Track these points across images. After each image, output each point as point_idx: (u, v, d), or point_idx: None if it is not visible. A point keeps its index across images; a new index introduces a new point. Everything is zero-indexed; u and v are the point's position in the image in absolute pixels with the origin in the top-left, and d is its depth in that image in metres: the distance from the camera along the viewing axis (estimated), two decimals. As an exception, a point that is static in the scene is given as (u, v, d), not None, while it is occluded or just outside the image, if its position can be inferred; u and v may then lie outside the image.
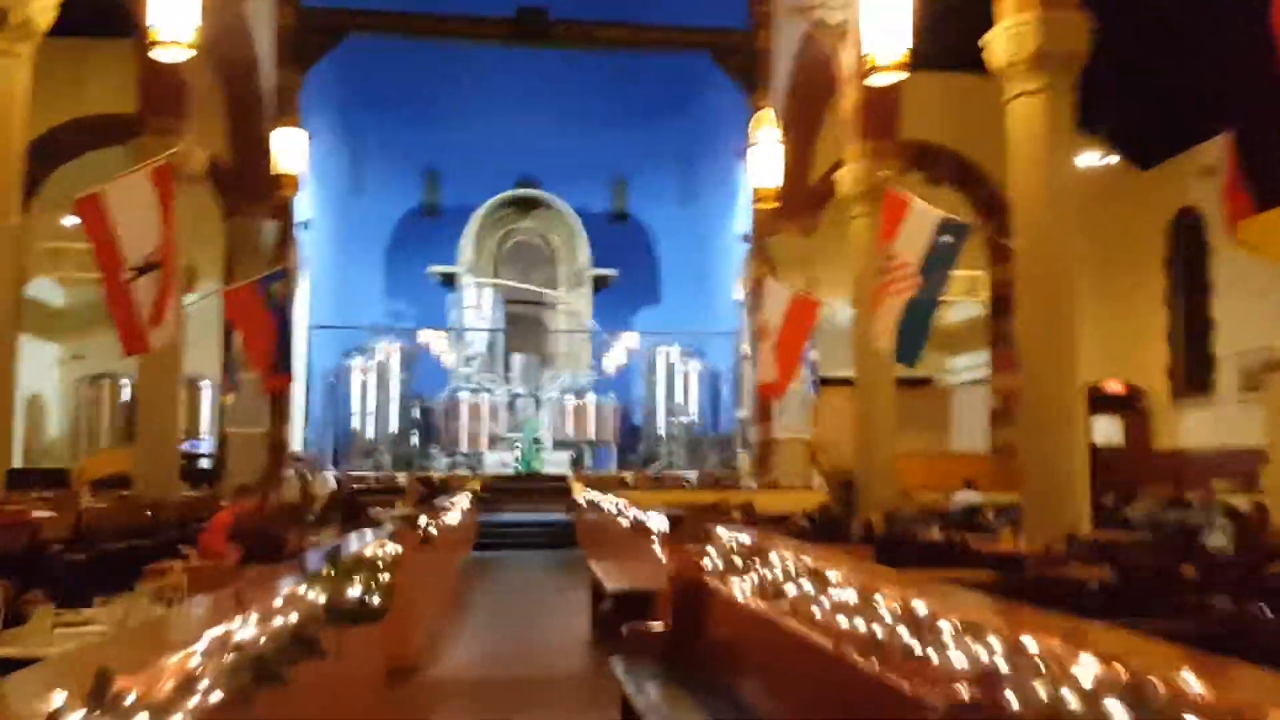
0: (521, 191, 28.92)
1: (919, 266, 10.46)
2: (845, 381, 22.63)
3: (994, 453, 20.59)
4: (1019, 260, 10.85)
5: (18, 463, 20.25)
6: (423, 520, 8.19)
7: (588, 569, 12.67)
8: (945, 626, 2.66)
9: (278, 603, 3.11)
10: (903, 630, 2.89)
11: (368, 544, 5.36)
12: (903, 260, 10.53)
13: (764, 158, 14.86)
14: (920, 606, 2.82)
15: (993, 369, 21.68)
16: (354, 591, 4.08)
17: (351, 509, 9.12)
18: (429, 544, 8.79)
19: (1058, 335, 10.42)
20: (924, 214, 10.54)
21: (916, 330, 10.60)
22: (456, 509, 11.21)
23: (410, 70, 26.55)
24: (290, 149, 14.45)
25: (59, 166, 19.26)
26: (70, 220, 19.84)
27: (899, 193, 10.82)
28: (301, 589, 3.45)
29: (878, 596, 3.16)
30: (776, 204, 15.02)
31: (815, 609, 3.86)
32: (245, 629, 2.64)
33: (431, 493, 14.53)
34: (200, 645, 2.30)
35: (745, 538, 5.35)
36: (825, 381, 20.53)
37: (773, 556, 4.69)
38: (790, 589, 4.24)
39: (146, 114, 14.46)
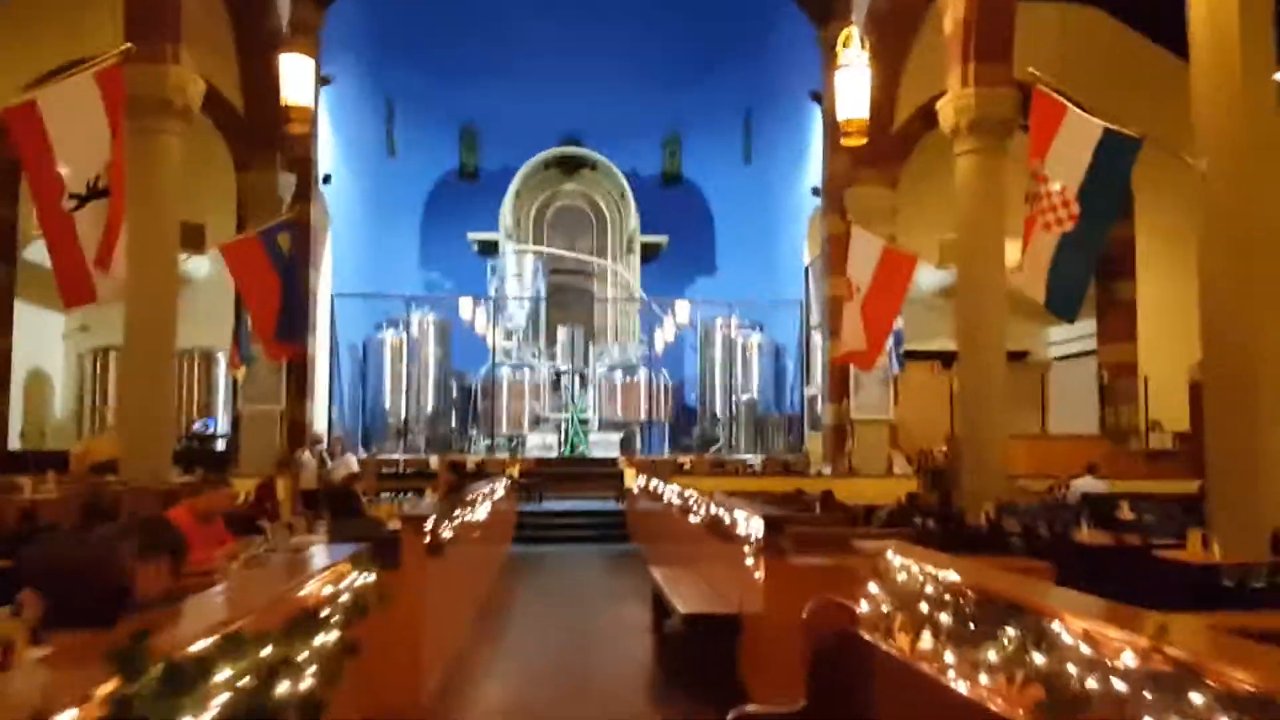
0: (566, 150, 26.66)
1: (1076, 192, 8.08)
2: (930, 355, 20.32)
3: (1105, 435, 18.07)
4: (1209, 209, 8.30)
5: (16, 444, 18.65)
6: (432, 522, 6.06)
7: (645, 572, 10.56)
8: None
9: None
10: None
11: (315, 576, 3.21)
12: (1056, 184, 8.15)
13: (851, 84, 12.43)
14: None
15: (1099, 340, 19.14)
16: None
17: (342, 503, 7.03)
18: (440, 552, 6.68)
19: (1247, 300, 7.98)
20: (1082, 124, 8.16)
21: (1074, 274, 8.25)
22: (487, 501, 9.09)
23: (444, 18, 24.43)
24: (299, 77, 12.35)
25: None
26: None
27: (1051, 95, 8.40)
28: None
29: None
30: (864, 140, 12.64)
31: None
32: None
33: (462, 479, 12.45)
34: None
35: (949, 573, 3.12)
36: (908, 355, 18.16)
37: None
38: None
39: (132, 37, 12.39)
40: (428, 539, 6.23)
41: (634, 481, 16.37)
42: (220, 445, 18.52)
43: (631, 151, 27.25)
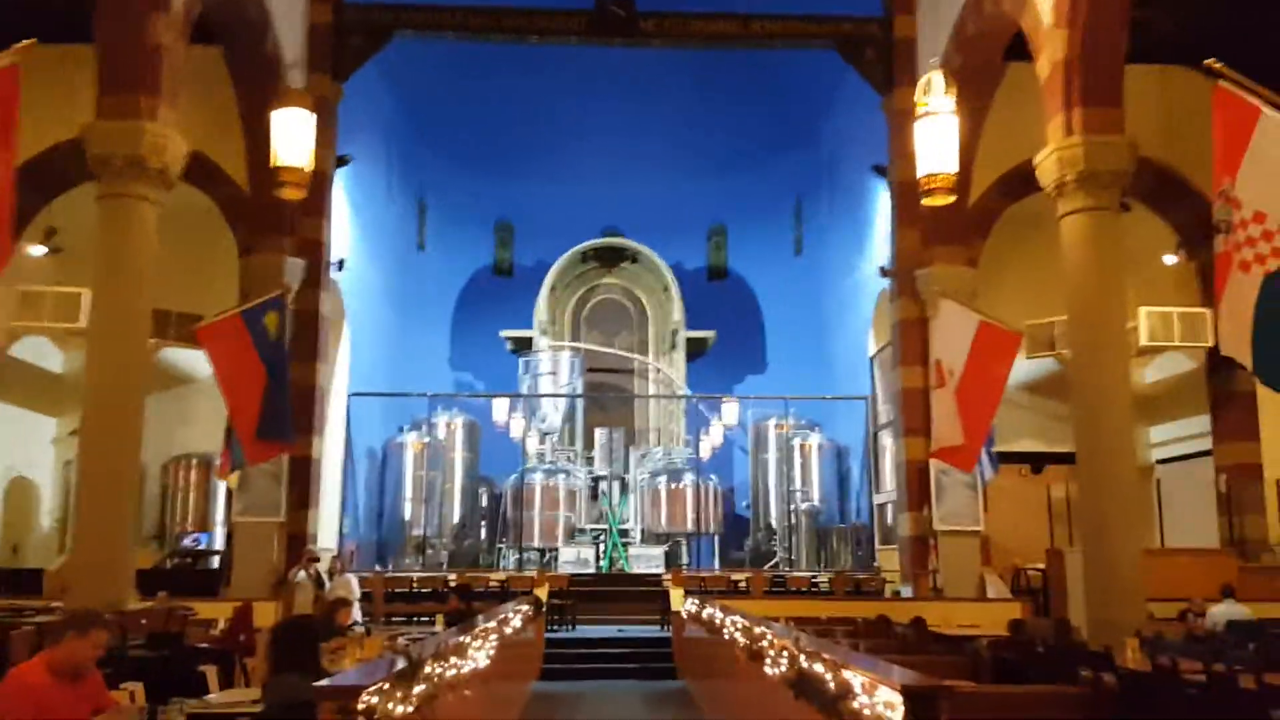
0: (605, 241, 25.00)
1: (1284, 221, 5.94)
2: (1019, 458, 17.90)
3: (1232, 549, 15.41)
4: None
5: (-9, 560, 16.73)
6: (374, 697, 3.90)
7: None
8: None
9: None
10: None
11: None
12: (1255, 208, 6.02)
13: (934, 135, 10.50)
14: None
15: (1215, 439, 16.60)
16: None
17: (295, 646, 4.90)
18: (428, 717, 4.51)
19: None
20: (1285, 132, 6.04)
21: (1287, 329, 6.00)
22: (486, 641, 6.87)
23: (476, 104, 23.24)
24: (294, 135, 10.67)
25: (56, 197, 16.08)
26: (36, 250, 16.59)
27: (1240, 94, 6.31)
28: None
29: None
30: (952, 198, 10.66)
31: None
32: None
33: (470, 607, 10.22)
34: None
35: None
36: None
37: None
38: None
39: (105, 90, 10.86)
40: (407, 707, 4.08)
41: (681, 604, 13.99)
42: (214, 563, 16.43)
43: (674, 244, 25.64)
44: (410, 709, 4.42)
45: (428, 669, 5.08)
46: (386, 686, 4.12)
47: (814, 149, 22.78)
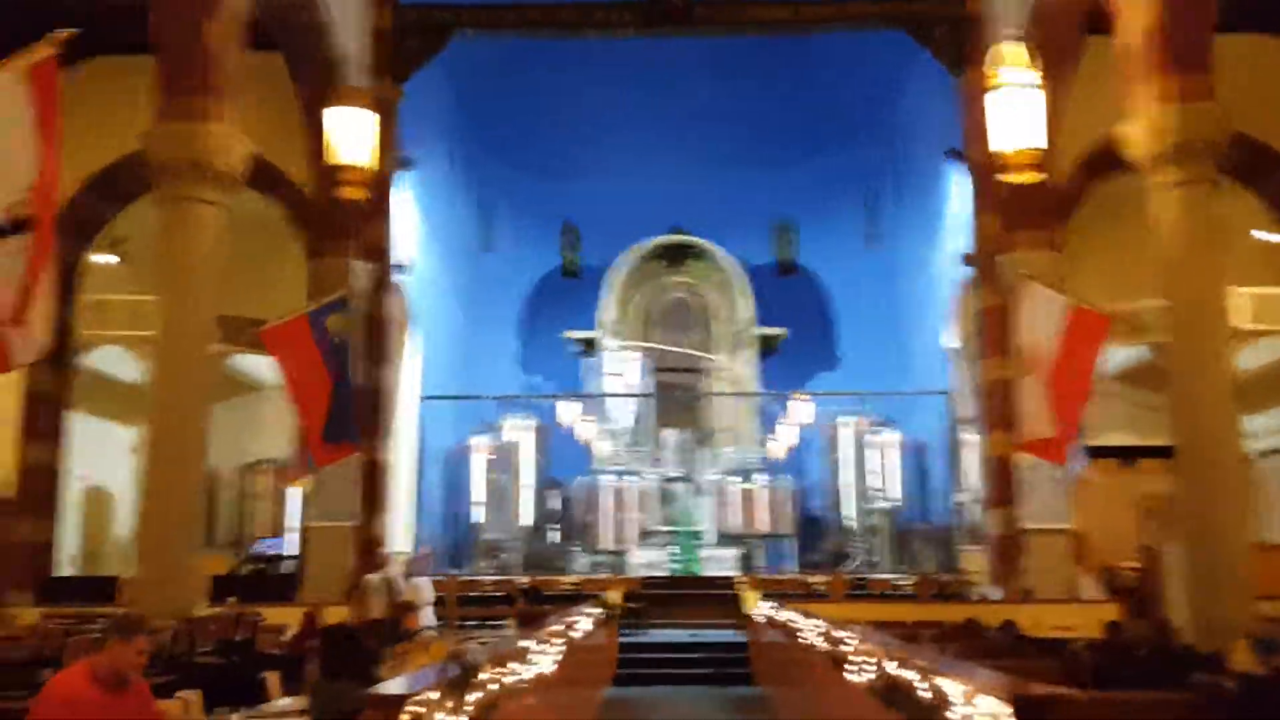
0: (671, 238, 24.63)
1: None
2: (1109, 452, 17.05)
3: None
4: None
5: (72, 570, 16.97)
6: (467, 693, 3.59)
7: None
8: None
9: None
10: None
11: None
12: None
13: (1016, 107, 9.91)
14: None
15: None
16: None
17: (344, 650, 4.61)
18: None
19: None
20: None
21: None
22: (551, 645, 6.55)
23: (535, 102, 23.09)
24: (353, 133, 10.55)
25: (125, 207, 16.32)
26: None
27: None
28: None
29: None
30: (1040, 176, 10.06)
31: None
32: None
33: (537, 610, 9.95)
34: None
35: None
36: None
37: None
38: None
39: (165, 95, 10.85)
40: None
41: (756, 607, 13.53)
42: (288, 568, 16.45)
43: (742, 240, 25.13)
44: (465, 718, 4.11)
45: (485, 675, 4.77)
46: (437, 695, 3.81)
47: (883, 137, 22.14)
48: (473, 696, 4.31)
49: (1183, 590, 10.97)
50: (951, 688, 3.93)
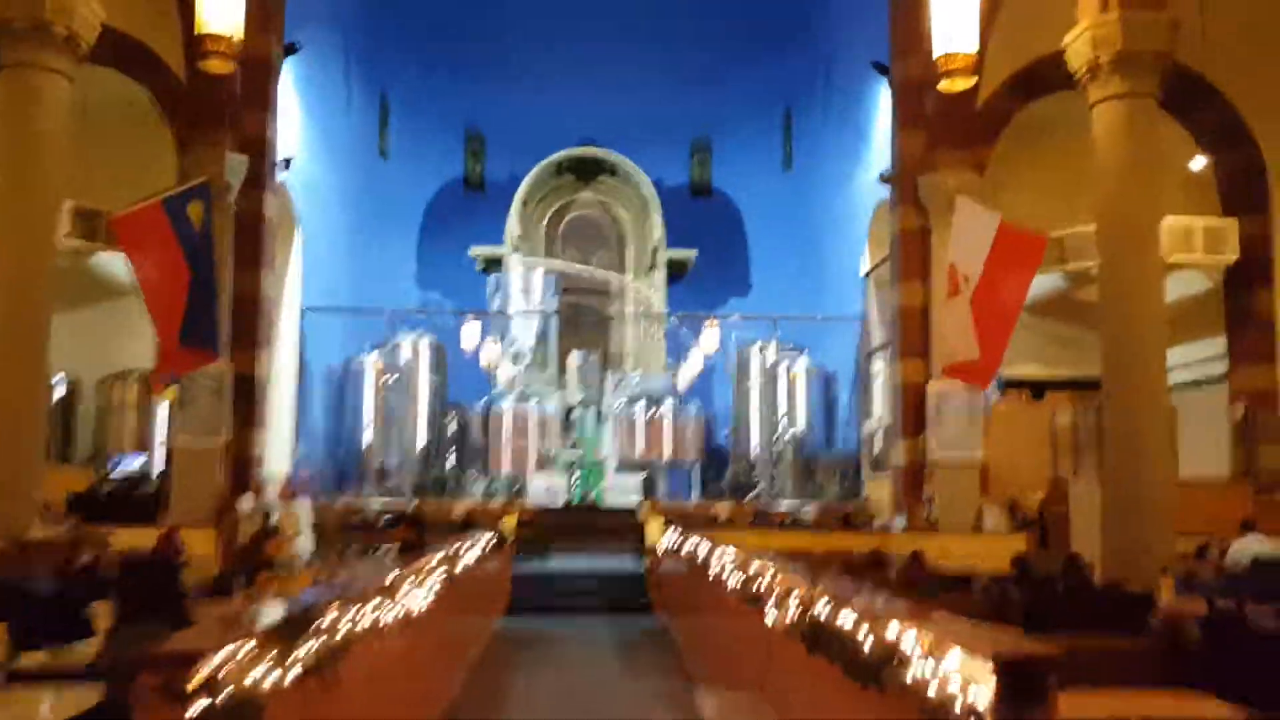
0: (582, 151, 23.45)
1: None
2: (1018, 384, 16.84)
3: (1248, 480, 14.46)
4: None
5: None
6: (215, 663, 2.68)
7: (676, 664, 7.19)
8: None
9: None
10: None
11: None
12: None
13: (951, 8, 9.12)
14: None
15: (1231, 363, 15.60)
16: None
17: (148, 584, 3.67)
18: (329, 683, 3.35)
19: None
20: None
21: None
22: (431, 578, 5.70)
23: (446, 4, 21.52)
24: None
25: None
26: None
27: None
28: None
29: None
30: (971, 81, 9.35)
31: None
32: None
33: (421, 538, 9.07)
34: None
35: None
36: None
37: None
38: None
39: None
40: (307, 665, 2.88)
41: (659, 537, 12.91)
42: (153, 487, 15.15)
43: (656, 159, 24.10)
44: (300, 670, 3.21)
45: (335, 616, 3.88)
46: (250, 648, 2.89)
47: (807, 49, 21.24)
48: (310, 645, 3.42)
49: (1091, 524, 10.71)
50: (904, 638, 3.19)
